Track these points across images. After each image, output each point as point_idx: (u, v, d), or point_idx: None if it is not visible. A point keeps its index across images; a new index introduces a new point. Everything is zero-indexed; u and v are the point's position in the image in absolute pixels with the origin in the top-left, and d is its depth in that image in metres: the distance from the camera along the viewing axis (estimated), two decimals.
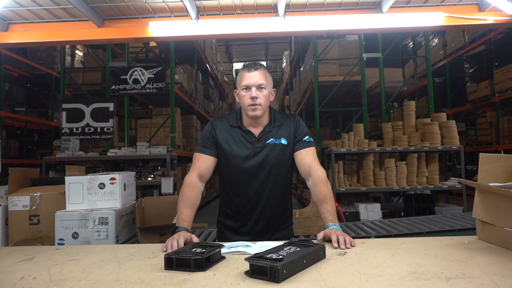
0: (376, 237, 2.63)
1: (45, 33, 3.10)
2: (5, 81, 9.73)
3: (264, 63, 2.50)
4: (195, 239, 1.47)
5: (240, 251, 1.35)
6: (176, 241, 1.41)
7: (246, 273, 1.10)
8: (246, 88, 1.71)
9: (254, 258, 1.09)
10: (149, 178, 7.36)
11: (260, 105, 1.69)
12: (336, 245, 1.39)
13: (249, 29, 3.53)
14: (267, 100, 1.73)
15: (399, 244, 1.42)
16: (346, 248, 1.38)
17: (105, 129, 7.64)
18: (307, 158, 1.72)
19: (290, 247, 1.24)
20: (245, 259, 1.10)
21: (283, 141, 1.74)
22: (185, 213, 1.60)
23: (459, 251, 1.30)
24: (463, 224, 2.77)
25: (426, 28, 4.81)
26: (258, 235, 1.73)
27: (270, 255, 1.13)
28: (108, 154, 7.04)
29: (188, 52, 9.91)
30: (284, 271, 1.04)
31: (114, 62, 8.01)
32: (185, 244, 1.43)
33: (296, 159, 1.75)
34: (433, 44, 10.48)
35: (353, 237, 1.46)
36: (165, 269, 1.17)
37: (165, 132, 8.21)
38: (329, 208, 1.58)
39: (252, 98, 1.68)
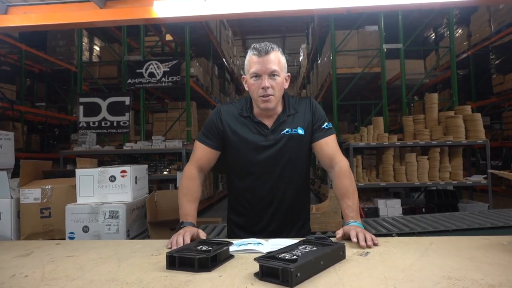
0: (398, 234, 2.47)
1: (46, 15, 3.00)
2: (26, 76, 9.88)
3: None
4: (202, 235, 1.36)
5: (250, 249, 1.23)
6: (181, 237, 1.30)
7: (256, 274, 0.98)
8: (256, 76, 1.49)
9: (264, 259, 0.97)
10: (165, 172, 7.33)
11: (273, 95, 1.48)
12: (355, 240, 1.25)
13: (262, 7, 3.25)
14: (281, 88, 1.52)
15: (428, 243, 1.27)
16: (367, 245, 1.24)
17: (121, 123, 7.64)
18: (328, 149, 1.55)
19: (305, 246, 1.11)
20: (255, 259, 0.98)
21: (300, 131, 1.55)
22: (188, 207, 1.49)
23: (498, 253, 1.15)
24: (493, 222, 2.58)
25: (467, 2, 4.23)
26: (271, 234, 1.58)
27: (283, 255, 1.01)
28: (124, 148, 7.03)
29: (204, 45, 9.83)
30: (298, 274, 0.91)
31: (130, 56, 8.00)
32: (191, 240, 1.32)
33: (316, 150, 1.57)
34: (457, 34, 10.08)
35: (374, 235, 1.32)
36: (167, 268, 1.06)
37: (180, 126, 8.18)
38: (350, 203, 1.43)
39: (264, 88, 1.47)
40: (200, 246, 1.13)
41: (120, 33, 8.57)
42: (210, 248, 1.11)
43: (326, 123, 1.59)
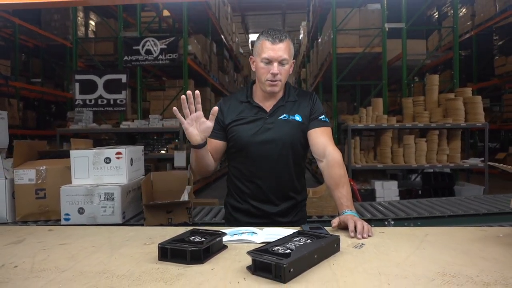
0: (394, 219, 2.48)
1: None
2: (21, 52, 9.66)
3: None
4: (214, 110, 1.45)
5: (244, 239, 1.22)
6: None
7: (249, 268, 0.97)
8: (267, 62, 1.53)
9: (257, 252, 0.96)
10: (162, 151, 7.31)
11: (280, 81, 1.55)
12: (352, 234, 1.26)
13: None
14: (287, 75, 1.58)
15: (424, 235, 1.26)
16: (363, 238, 1.24)
17: (118, 101, 7.54)
18: (322, 138, 1.57)
19: (300, 237, 1.10)
20: (248, 252, 0.96)
21: (298, 118, 1.59)
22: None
23: (494, 246, 1.13)
24: (489, 208, 2.58)
25: None
26: (269, 217, 1.61)
27: (276, 248, 1.00)
28: (121, 126, 6.99)
29: (202, 22, 9.61)
30: (291, 269, 0.90)
31: (126, 32, 7.82)
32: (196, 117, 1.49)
33: (310, 137, 1.60)
34: (461, 14, 9.89)
35: (369, 219, 1.33)
36: (159, 259, 1.05)
37: (178, 105, 8.06)
38: (345, 192, 1.45)
39: (273, 74, 1.52)
40: (193, 237, 1.12)
41: (116, 8, 8.36)
42: (203, 239, 1.09)
43: (323, 116, 1.62)
